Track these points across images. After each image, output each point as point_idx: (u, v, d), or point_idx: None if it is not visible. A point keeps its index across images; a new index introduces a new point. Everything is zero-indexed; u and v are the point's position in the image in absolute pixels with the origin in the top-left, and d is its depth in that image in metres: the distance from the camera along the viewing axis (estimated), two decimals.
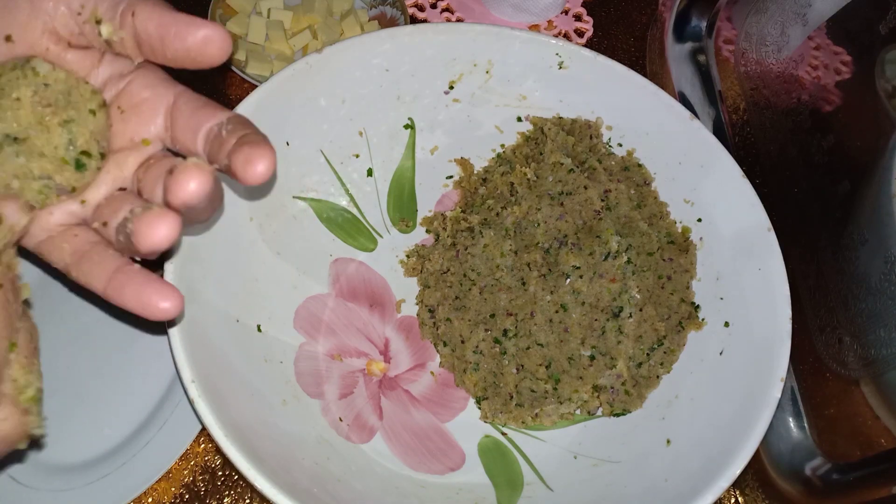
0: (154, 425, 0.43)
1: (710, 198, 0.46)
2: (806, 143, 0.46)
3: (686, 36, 0.58)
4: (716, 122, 0.54)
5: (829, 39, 0.46)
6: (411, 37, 0.47)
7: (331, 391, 0.44)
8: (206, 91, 0.32)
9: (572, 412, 0.44)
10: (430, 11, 0.66)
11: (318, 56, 0.45)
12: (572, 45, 0.48)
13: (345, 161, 0.49)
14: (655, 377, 0.44)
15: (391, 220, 0.51)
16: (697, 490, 0.36)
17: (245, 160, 0.28)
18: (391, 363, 0.46)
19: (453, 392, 0.46)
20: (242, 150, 0.28)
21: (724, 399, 0.40)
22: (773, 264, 0.42)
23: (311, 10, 0.61)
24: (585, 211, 0.46)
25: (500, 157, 0.51)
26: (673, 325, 0.45)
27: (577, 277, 0.44)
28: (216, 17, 0.59)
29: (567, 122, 0.49)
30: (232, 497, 0.44)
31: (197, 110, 0.30)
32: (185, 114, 0.30)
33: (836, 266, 0.42)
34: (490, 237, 0.46)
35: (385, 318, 0.48)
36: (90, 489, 0.41)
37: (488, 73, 0.49)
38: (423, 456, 0.43)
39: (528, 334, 0.44)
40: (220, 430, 0.33)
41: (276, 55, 0.59)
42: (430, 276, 0.48)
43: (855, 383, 0.39)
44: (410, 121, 0.50)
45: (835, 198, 0.43)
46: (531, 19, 0.66)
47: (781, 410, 0.43)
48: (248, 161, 0.28)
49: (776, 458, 0.43)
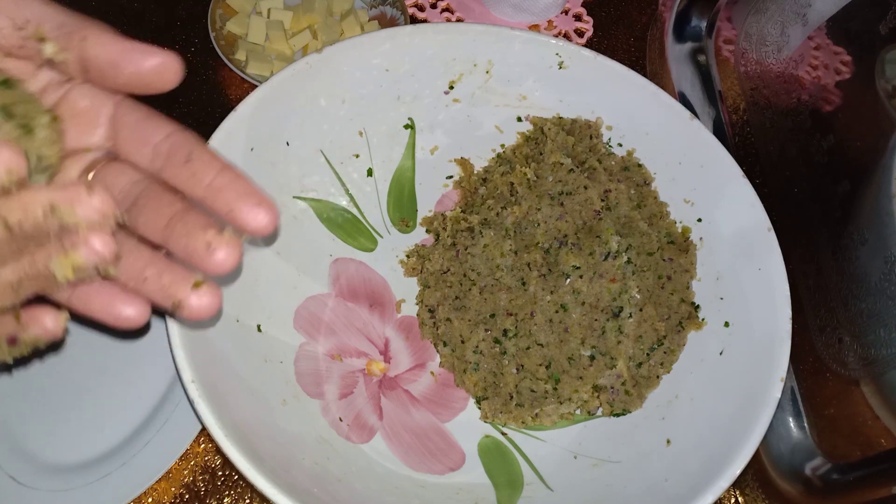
0: (154, 425, 0.43)
1: (710, 198, 0.46)
2: (806, 143, 0.46)
3: (686, 36, 0.58)
4: (716, 122, 0.54)
5: (829, 39, 0.46)
6: (411, 37, 0.47)
7: (331, 391, 0.44)
8: (206, 91, 0.32)
9: (572, 412, 0.44)
10: (430, 11, 0.66)
11: (318, 56, 0.45)
12: (572, 45, 0.48)
13: (345, 161, 0.49)
14: (655, 377, 0.44)
15: (391, 220, 0.51)
16: (697, 490, 0.36)
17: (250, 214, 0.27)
18: (391, 363, 0.46)
19: (453, 392, 0.46)
20: (243, 204, 0.27)
21: (723, 399, 0.40)
22: (773, 264, 0.42)
23: (311, 10, 0.61)
24: (585, 211, 0.46)
25: (500, 157, 0.51)
26: (673, 325, 0.45)
27: (577, 277, 0.44)
28: (216, 17, 0.59)
29: (567, 122, 0.49)
30: (232, 497, 0.44)
31: (141, 122, 0.30)
32: (128, 125, 0.30)
33: (836, 266, 0.42)
34: (490, 237, 0.46)
35: (385, 318, 0.48)
36: (90, 489, 0.41)
37: (488, 73, 0.49)
38: (423, 456, 0.43)
39: (528, 334, 0.44)
40: (220, 430, 0.33)
41: (276, 55, 0.59)
42: (430, 276, 0.48)
43: (855, 383, 0.39)
44: (410, 121, 0.50)
45: (835, 198, 0.43)
46: (531, 19, 0.66)
47: (781, 410, 0.42)
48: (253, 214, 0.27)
49: (776, 458, 0.43)
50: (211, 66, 0.60)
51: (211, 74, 0.59)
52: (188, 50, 0.60)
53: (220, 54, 0.57)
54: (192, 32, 0.61)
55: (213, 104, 0.58)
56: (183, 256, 0.28)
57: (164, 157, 0.29)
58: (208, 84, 0.59)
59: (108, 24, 0.30)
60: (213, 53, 0.58)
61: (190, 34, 0.61)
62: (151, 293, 0.29)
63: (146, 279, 0.28)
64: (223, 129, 0.42)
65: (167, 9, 0.62)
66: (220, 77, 0.59)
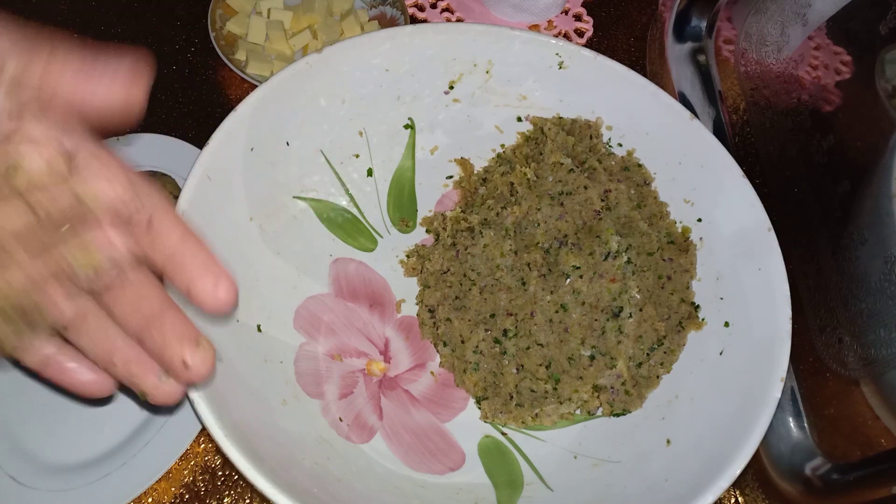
0: (154, 425, 0.43)
1: (710, 198, 0.46)
2: (806, 143, 0.46)
3: (686, 36, 0.58)
4: (716, 122, 0.54)
5: (829, 39, 0.46)
6: (411, 37, 0.47)
7: (331, 391, 0.44)
8: (206, 91, 0.31)
9: (572, 412, 0.44)
10: (430, 11, 0.66)
11: (318, 56, 0.45)
12: (572, 45, 0.48)
13: (345, 161, 0.49)
14: (655, 377, 0.44)
15: (391, 220, 0.51)
16: (697, 490, 0.36)
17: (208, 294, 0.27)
18: (391, 363, 0.46)
19: (453, 392, 0.46)
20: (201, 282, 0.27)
21: (724, 399, 0.40)
22: (773, 264, 0.42)
23: (311, 10, 0.61)
24: (585, 211, 0.46)
25: (500, 157, 0.51)
26: (673, 325, 0.45)
27: (577, 277, 0.44)
28: (216, 17, 0.59)
29: (567, 122, 0.49)
30: (232, 497, 0.44)
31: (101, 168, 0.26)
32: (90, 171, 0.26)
33: (836, 266, 0.42)
34: (490, 237, 0.46)
35: (385, 318, 0.48)
36: (90, 489, 0.41)
37: (488, 73, 0.49)
38: (423, 456, 0.43)
39: (528, 334, 0.44)
40: (220, 430, 0.33)
41: (276, 55, 0.59)
42: (430, 276, 0.48)
43: (855, 383, 0.39)
44: (410, 121, 0.50)
45: (835, 198, 0.43)
46: (531, 19, 0.66)
47: (781, 410, 0.42)
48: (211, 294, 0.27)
49: (776, 458, 0.43)
50: (211, 66, 0.60)
51: (211, 74, 0.59)
52: (188, 50, 0.61)
53: (220, 54, 0.57)
54: (192, 32, 0.61)
55: (213, 104, 0.58)
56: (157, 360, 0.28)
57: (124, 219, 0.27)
58: (208, 84, 0.59)
59: (109, 24, 0.29)
60: (213, 53, 0.58)
61: (190, 34, 0.61)
62: (119, 377, 0.29)
63: (115, 365, 0.29)
64: (223, 129, 0.42)
65: (167, 9, 0.62)
66: (220, 77, 0.59)
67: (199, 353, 0.27)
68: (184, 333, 0.27)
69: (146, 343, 0.28)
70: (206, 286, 0.27)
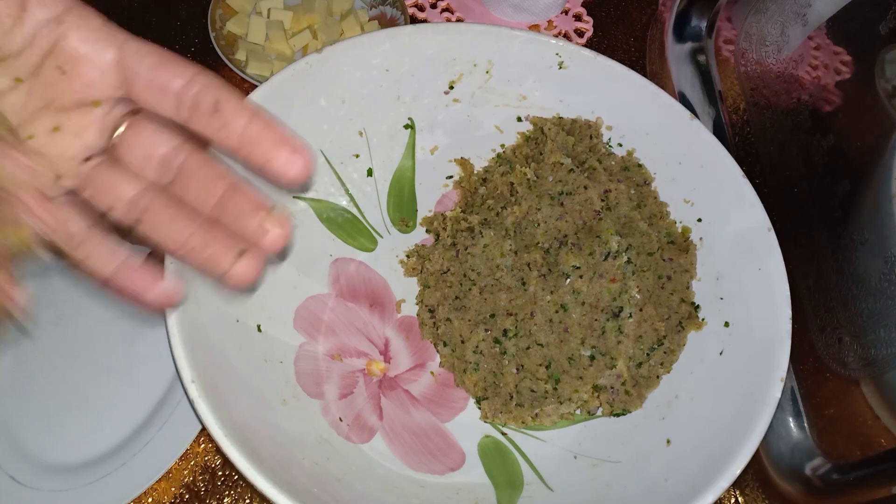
0: (154, 425, 0.43)
1: (710, 198, 0.46)
2: (806, 143, 0.46)
3: (686, 36, 0.58)
4: (716, 122, 0.54)
5: (829, 39, 0.46)
6: (411, 37, 0.47)
7: (331, 391, 0.44)
8: None
9: (572, 412, 0.44)
10: (430, 11, 0.66)
11: (318, 56, 0.45)
12: (572, 45, 0.48)
13: (345, 161, 0.49)
14: (655, 377, 0.44)
15: (391, 220, 0.51)
16: (697, 490, 0.36)
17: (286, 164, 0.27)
18: (391, 363, 0.46)
19: (453, 392, 0.46)
20: (278, 154, 0.27)
21: (723, 399, 0.40)
22: (773, 264, 0.42)
23: (311, 10, 0.61)
24: (585, 211, 0.46)
25: (500, 157, 0.51)
26: (673, 325, 0.45)
27: (577, 277, 0.44)
28: (216, 17, 0.59)
29: (567, 122, 0.49)
30: (232, 497, 0.44)
31: (156, 68, 0.28)
32: (141, 72, 0.28)
33: (836, 266, 0.42)
34: (490, 237, 0.46)
35: (385, 318, 0.48)
36: (90, 489, 0.41)
37: (488, 73, 0.49)
38: (423, 456, 0.43)
39: (528, 334, 0.44)
40: (220, 430, 0.33)
41: (276, 55, 0.59)
42: (430, 276, 0.48)
43: (855, 383, 0.39)
44: (410, 121, 0.50)
45: (835, 198, 0.43)
46: (531, 19, 0.66)
47: (781, 410, 0.42)
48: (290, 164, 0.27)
49: (776, 458, 0.43)
50: (211, 66, 0.60)
51: None
52: (188, 50, 0.61)
53: (220, 54, 0.57)
54: (192, 32, 0.61)
55: None
56: (236, 232, 0.29)
57: (189, 107, 0.28)
58: None
59: None
60: (213, 53, 0.58)
61: (190, 34, 0.61)
62: (196, 262, 0.29)
63: (192, 249, 0.29)
64: None
65: (167, 9, 0.62)
66: (220, 77, 0.59)
67: (277, 217, 0.28)
68: (258, 202, 0.29)
69: (224, 218, 0.29)
70: (284, 157, 0.27)
